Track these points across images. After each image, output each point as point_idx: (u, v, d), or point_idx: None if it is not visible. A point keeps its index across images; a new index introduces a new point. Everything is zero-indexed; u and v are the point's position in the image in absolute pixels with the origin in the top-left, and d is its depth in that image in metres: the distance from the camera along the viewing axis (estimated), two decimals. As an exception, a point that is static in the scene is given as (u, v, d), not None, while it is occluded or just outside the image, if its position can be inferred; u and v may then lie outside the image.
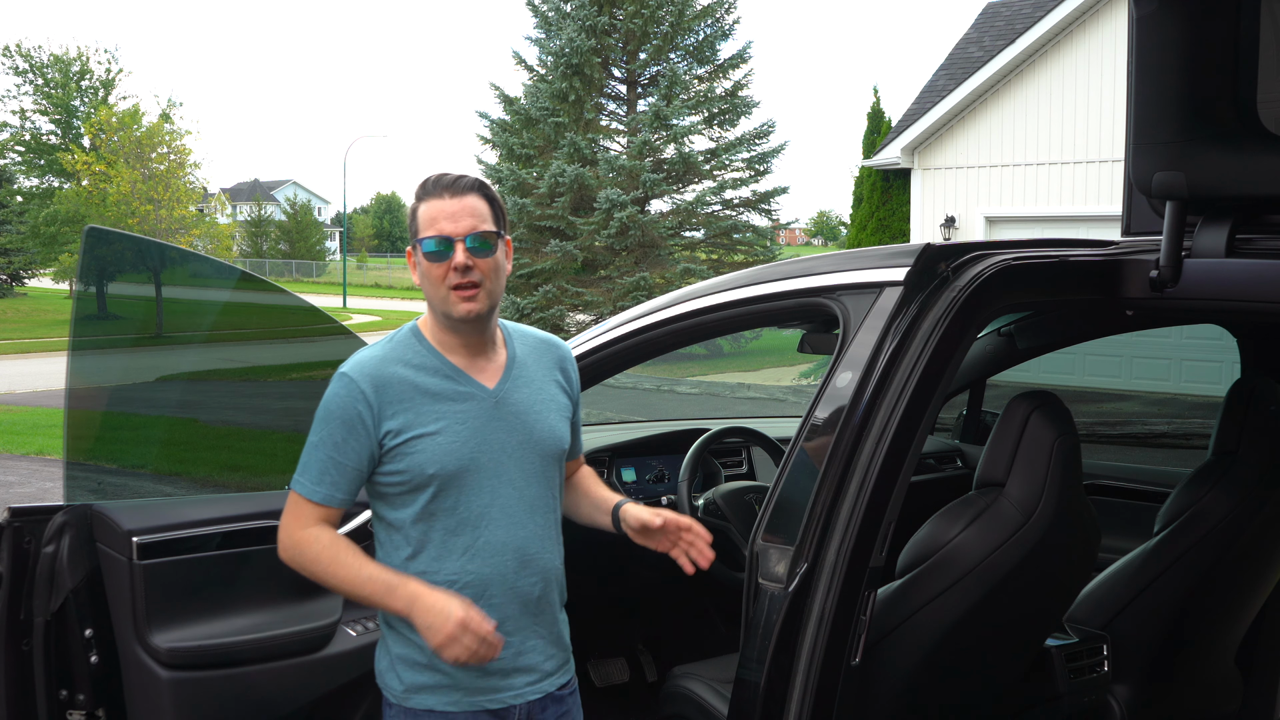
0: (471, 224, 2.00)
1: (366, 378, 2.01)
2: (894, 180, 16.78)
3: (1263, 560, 2.66)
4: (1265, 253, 2.09)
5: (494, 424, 2.05)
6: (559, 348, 2.24)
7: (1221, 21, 2.05)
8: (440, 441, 2.00)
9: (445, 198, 2.02)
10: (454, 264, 1.99)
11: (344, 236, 49.71)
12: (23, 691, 2.34)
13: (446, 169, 2.09)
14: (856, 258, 2.26)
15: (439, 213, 2.01)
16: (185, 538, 2.37)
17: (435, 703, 2.04)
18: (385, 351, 2.07)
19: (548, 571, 2.10)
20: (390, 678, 2.08)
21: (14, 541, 2.33)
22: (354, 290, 46.93)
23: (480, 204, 2.03)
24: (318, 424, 2.04)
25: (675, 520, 2.14)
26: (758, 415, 7.11)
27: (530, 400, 2.11)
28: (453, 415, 2.03)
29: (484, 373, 2.09)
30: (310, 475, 2.03)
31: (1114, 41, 13.85)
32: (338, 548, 2.01)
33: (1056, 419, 2.24)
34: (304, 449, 2.05)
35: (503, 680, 2.06)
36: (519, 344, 2.17)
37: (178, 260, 4.02)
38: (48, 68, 35.57)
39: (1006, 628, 2.33)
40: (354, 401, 2.00)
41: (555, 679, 2.13)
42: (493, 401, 2.06)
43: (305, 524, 2.03)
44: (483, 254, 2.01)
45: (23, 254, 35.20)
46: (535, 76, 22.66)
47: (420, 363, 2.05)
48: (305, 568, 2.03)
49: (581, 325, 20.86)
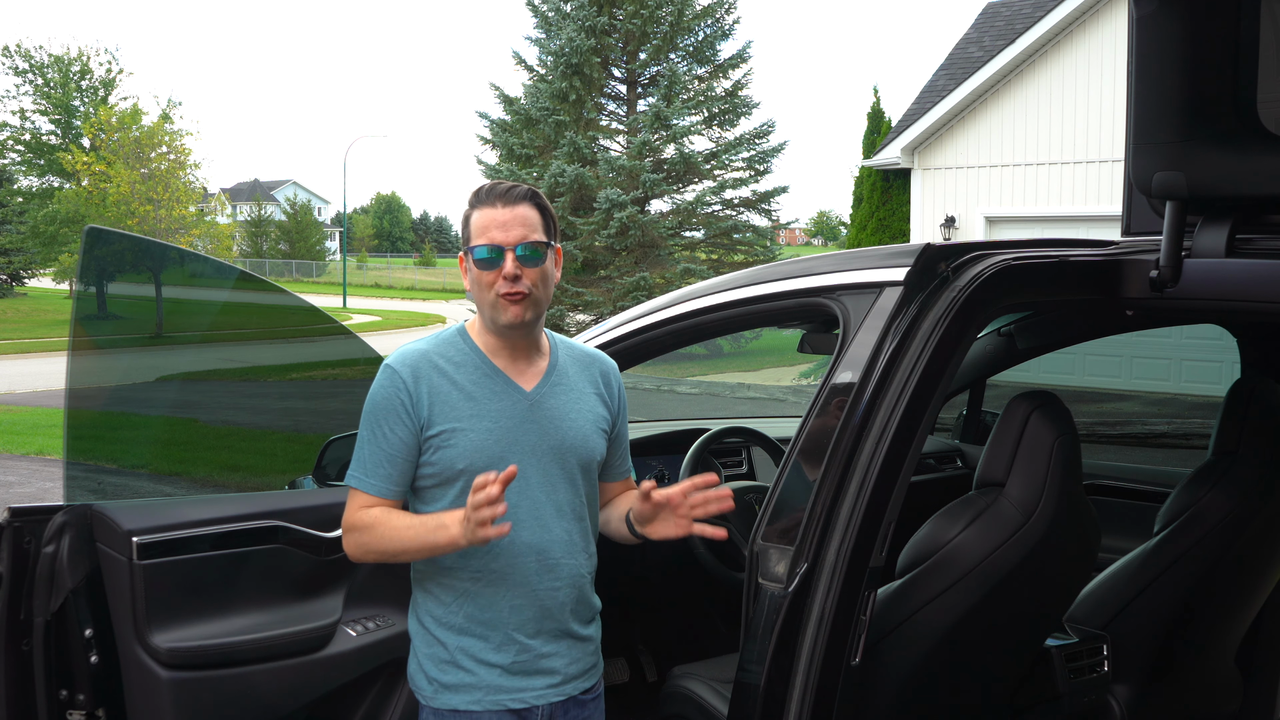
0: (522, 233, 2.05)
1: (407, 368, 2.08)
2: (894, 180, 16.78)
3: (1263, 560, 2.66)
4: (1265, 253, 2.09)
5: (527, 425, 2.09)
6: (604, 362, 2.27)
7: (1221, 21, 2.05)
8: (472, 438, 2.05)
9: (498, 206, 2.06)
10: (504, 272, 2.04)
11: (344, 236, 49.71)
12: (23, 691, 2.34)
13: (499, 179, 2.12)
14: (856, 258, 2.26)
15: (491, 221, 2.05)
16: (185, 538, 2.37)
17: (459, 702, 2.08)
18: (429, 346, 2.13)
19: (573, 578, 2.12)
20: (420, 679, 2.14)
21: (14, 541, 2.33)
22: (354, 290, 46.94)
23: (532, 213, 2.07)
24: (366, 418, 2.10)
25: (671, 493, 2.07)
26: (758, 415, 7.12)
27: (566, 406, 2.14)
28: (487, 414, 2.07)
29: (524, 375, 2.12)
30: (364, 468, 2.08)
31: (1114, 41, 13.85)
32: (388, 513, 2.06)
33: (1056, 419, 2.24)
34: (355, 445, 2.11)
35: (525, 680, 2.09)
36: (564, 353, 2.20)
37: (178, 260, 4.02)
38: (48, 68, 35.57)
39: (1006, 628, 2.33)
40: (396, 391, 2.06)
41: (579, 683, 2.16)
42: (529, 404, 2.10)
43: (358, 513, 2.09)
44: (532, 263, 2.05)
45: (23, 254, 35.20)
46: (535, 76, 22.66)
47: (461, 360, 2.11)
48: (368, 547, 2.07)
49: (581, 325, 20.86)
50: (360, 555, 2.11)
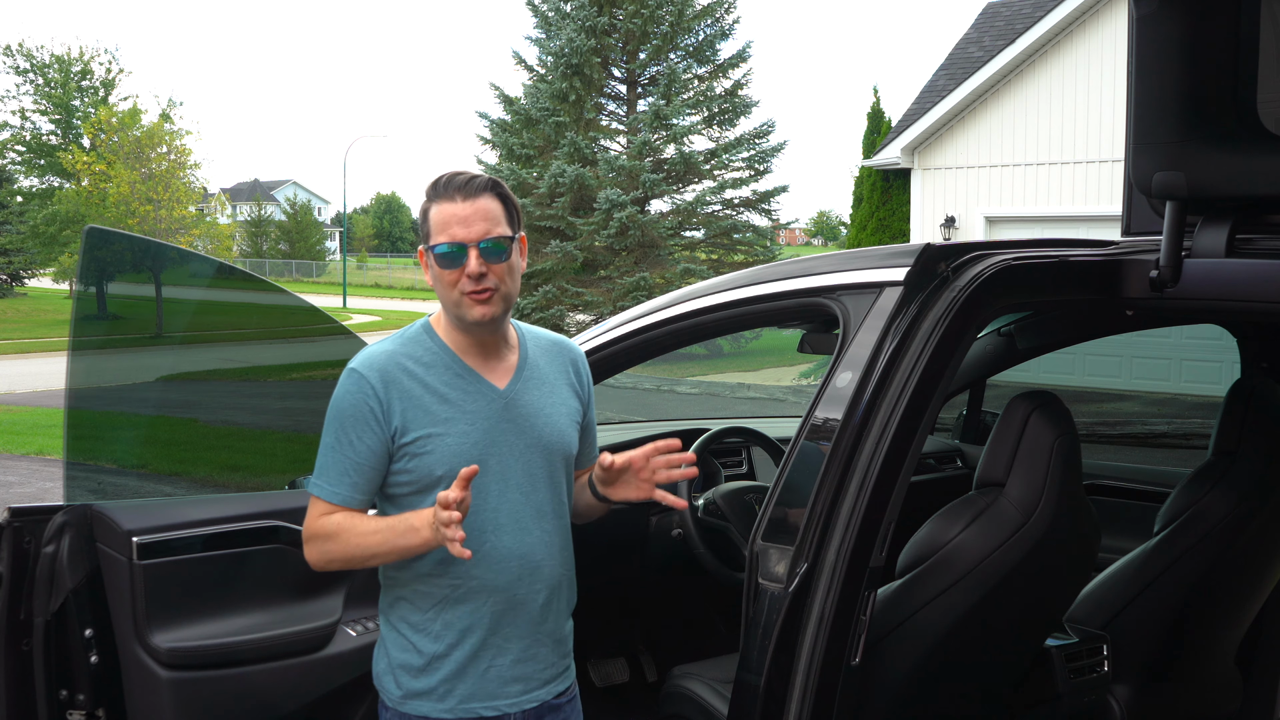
0: (485, 228, 1.95)
1: (375, 372, 1.98)
2: (894, 180, 16.78)
3: (1263, 560, 2.66)
4: (1265, 253, 2.09)
5: (503, 425, 2.02)
6: (571, 349, 2.21)
7: (1221, 21, 2.05)
8: (449, 442, 1.97)
9: (457, 200, 1.96)
10: (468, 271, 1.94)
11: (344, 236, 49.72)
12: (23, 691, 2.34)
13: (458, 169, 2.03)
14: (856, 258, 2.26)
15: (451, 216, 1.95)
16: (185, 538, 2.37)
17: (430, 709, 2.02)
18: (395, 347, 2.03)
19: (553, 580, 2.07)
20: (388, 680, 2.07)
21: (14, 541, 2.33)
22: (354, 290, 46.92)
23: (494, 205, 1.98)
24: (329, 424, 2.00)
25: (633, 456, 2.04)
26: (758, 415, 7.12)
27: (541, 402, 2.08)
28: (463, 416, 2.00)
29: (495, 372, 2.05)
30: (328, 477, 1.99)
31: (1114, 41, 13.85)
32: (351, 519, 1.98)
33: (1056, 419, 2.24)
34: (319, 450, 2.02)
35: (499, 688, 2.03)
36: (531, 344, 2.13)
37: (177, 260, 4.02)
38: (48, 67, 35.56)
39: (1006, 628, 2.33)
40: (365, 398, 1.97)
41: (553, 686, 2.11)
42: (503, 402, 2.03)
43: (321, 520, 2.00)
44: (496, 258, 1.96)
45: (23, 254, 35.20)
46: (535, 76, 22.66)
47: (431, 360, 2.02)
48: (332, 555, 1.99)
49: (581, 325, 20.86)
50: (324, 564, 2.01)
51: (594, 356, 2.58)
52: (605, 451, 2.08)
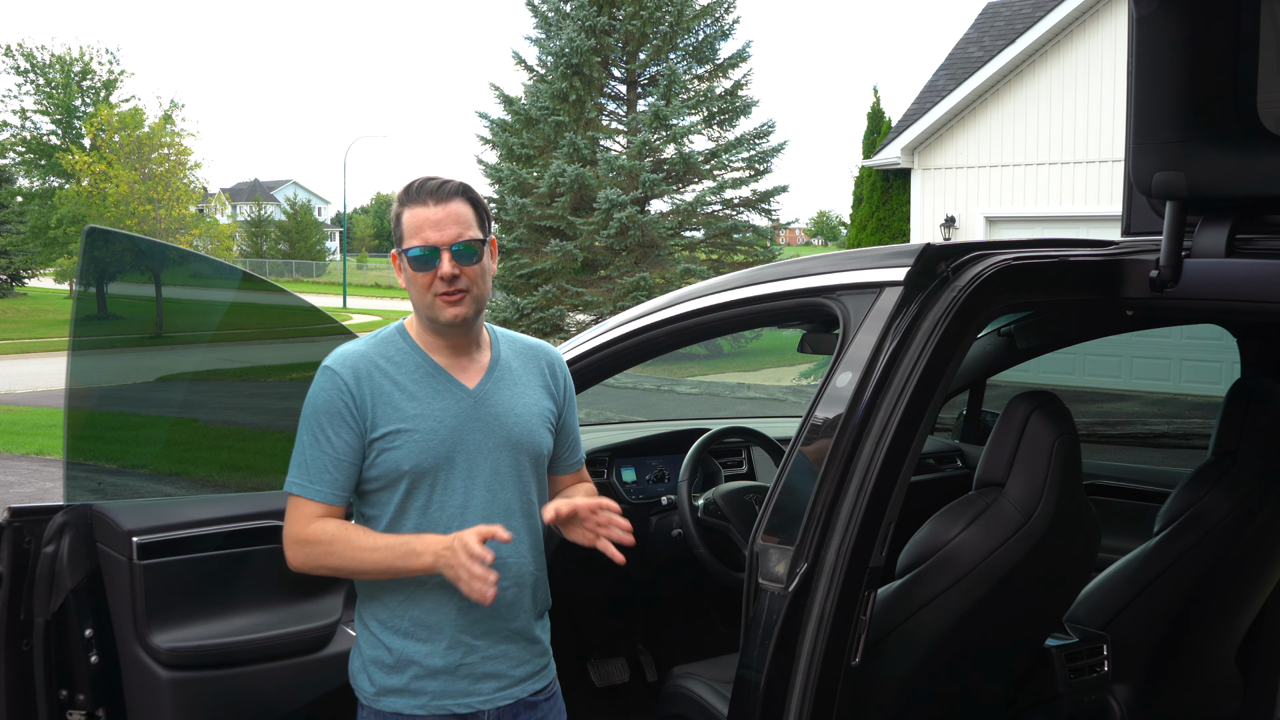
0: (457, 232, 2.00)
1: (348, 369, 2.02)
2: (894, 180, 16.78)
3: (1263, 560, 2.66)
4: (1265, 253, 2.09)
5: (472, 423, 2.05)
6: (548, 353, 2.22)
7: (1221, 21, 2.05)
8: (417, 439, 2.00)
9: (429, 204, 2.01)
10: (440, 273, 1.99)
11: (344, 236, 49.73)
12: (23, 691, 2.34)
13: (432, 173, 2.09)
14: (856, 258, 2.26)
15: (424, 221, 2.00)
16: (185, 538, 2.37)
17: (403, 706, 2.03)
18: (367, 347, 2.07)
19: (520, 577, 2.08)
20: (362, 679, 2.08)
21: (14, 541, 2.33)
22: (354, 290, 46.93)
23: (465, 209, 2.03)
24: (305, 422, 2.03)
25: (579, 506, 2.04)
26: (758, 415, 7.12)
27: (511, 401, 2.10)
28: (431, 413, 2.02)
29: (466, 372, 2.08)
30: (308, 475, 2.01)
31: (1114, 41, 13.85)
32: (347, 530, 2.00)
33: (1056, 419, 2.24)
34: (294, 450, 2.04)
35: (471, 685, 2.05)
36: (505, 347, 2.16)
37: (178, 260, 4.02)
38: (49, 68, 35.53)
39: (1006, 628, 2.33)
40: (339, 394, 2.00)
41: (528, 685, 2.12)
42: (472, 401, 2.06)
43: (309, 524, 2.00)
44: (468, 260, 2.01)
45: (23, 254, 35.19)
46: (535, 76, 22.65)
47: (401, 359, 2.06)
48: (321, 563, 2.00)
49: (581, 325, 20.86)
50: (309, 569, 2.02)
51: (594, 357, 2.59)
52: (560, 499, 2.08)
